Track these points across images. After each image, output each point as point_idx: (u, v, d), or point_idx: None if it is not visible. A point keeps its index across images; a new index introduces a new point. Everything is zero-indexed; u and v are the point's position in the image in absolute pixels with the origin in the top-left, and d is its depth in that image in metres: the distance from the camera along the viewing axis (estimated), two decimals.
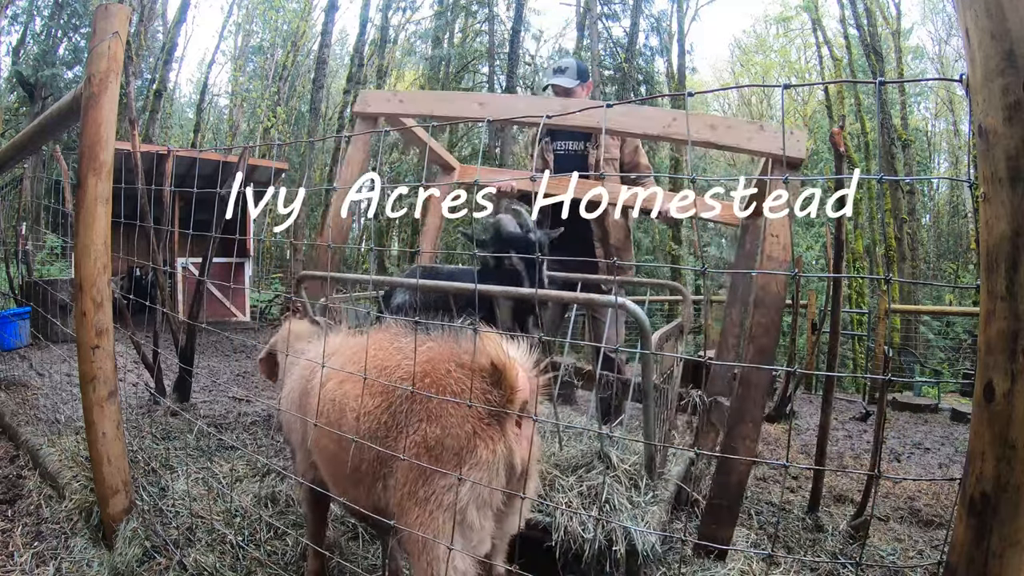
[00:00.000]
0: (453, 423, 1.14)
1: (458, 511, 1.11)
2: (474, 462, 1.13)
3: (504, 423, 1.15)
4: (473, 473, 1.12)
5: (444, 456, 1.13)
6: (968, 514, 0.85)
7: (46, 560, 1.89)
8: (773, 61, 20.96)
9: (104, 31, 1.82)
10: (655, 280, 3.31)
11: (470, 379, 1.17)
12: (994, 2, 0.80)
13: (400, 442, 1.17)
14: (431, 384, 1.19)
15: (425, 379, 1.20)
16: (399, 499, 1.17)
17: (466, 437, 1.13)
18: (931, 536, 2.54)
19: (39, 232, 8.59)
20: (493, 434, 1.15)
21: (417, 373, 1.21)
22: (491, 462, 1.13)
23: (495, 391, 1.16)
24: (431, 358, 1.23)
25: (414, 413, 1.18)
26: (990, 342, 0.82)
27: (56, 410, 3.21)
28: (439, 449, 1.13)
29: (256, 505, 2.09)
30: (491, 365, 1.16)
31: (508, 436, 1.15)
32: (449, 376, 1.19)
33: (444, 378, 1.19)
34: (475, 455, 1.13)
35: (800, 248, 12.00)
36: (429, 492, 1.13)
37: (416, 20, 17.69)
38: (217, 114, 22.43)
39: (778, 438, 4.15)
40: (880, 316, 6.48)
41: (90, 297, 1.84)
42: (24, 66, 13.01)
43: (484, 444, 1.13)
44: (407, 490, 1.15)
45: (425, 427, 1.15)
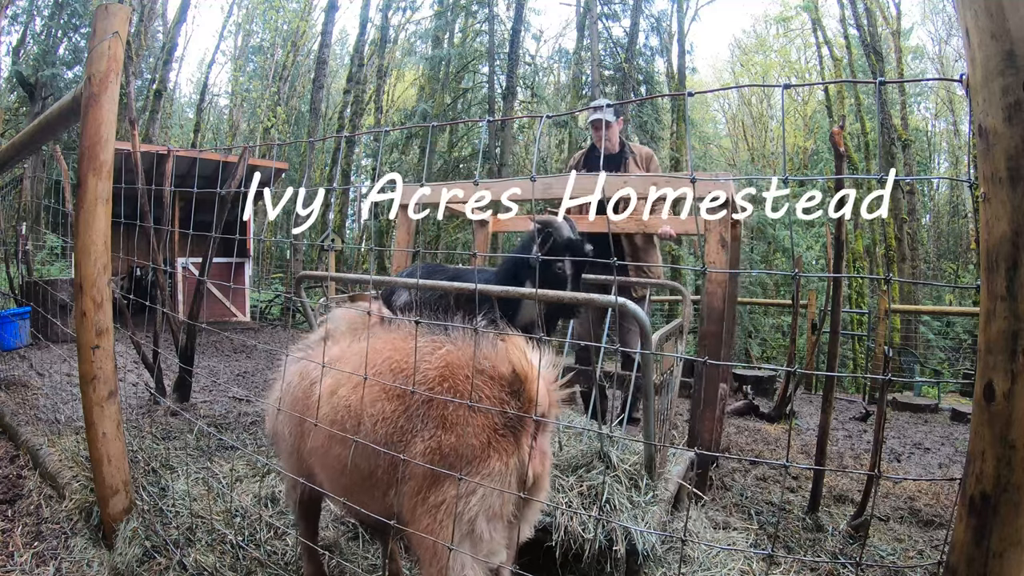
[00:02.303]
0: (469, 432, 1.11)
1: (468, 521, 1.08)
2: (486, 472, 1.11)
3: (520, 435, 1.13)
4: (484, 482, 1.10)
5: (457, 465, 1.10)
6: (968, 514, 0.84)
7: (46, 560, 1.89)
8: (773, 61, 20.96)
9: (104, 31, 1.82)
10: (655, 280, 3.31)
11: (489, 387, 1.13)
12: (994, 2, 0.80)
13: (415, 447, 1.15)
14: (449, 390, 1.15)
15: (444, 383, 1.16)
16: (412, 506, 1.15)
17: (480, 447, 1.11)
18: (931, 536, 2.54)
19: (39, 232, 8.59)
20: (507, 446, 1.13)
21: (435, 378, 1.17)
22: (503, 474, 1.11)
23: (514, 401, 1.12)
24: (449, 362, 1.19)
25: (431, 419, 1.15)
26: (990, 342, 0.82)
27: (56, 410, 3.21)
28: (453, 457, 1.11)
29: (256, 505, 2.09)
30: (512, 373, 1.12)
31: (522, 449, 1.13)
32: (468, 382, 1.15)
33: (463, 384, 1.15)
34: (488, 466, 1.11)
35: (800, 248, 12.00)
36: (439, 499, 1.11)
37: (416, 20, 17.71)
38: (217, 114, 22.44)
39: (778, 438, 4.15)
40: (880, 316, 6.48)
41: (90, 297, 1.84)
42: (24, 66, 13.01)
43: (498, 456, 1.11)
44: (420, 497, 1.13)
45: (440, 434, 1.13)
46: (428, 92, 15.97)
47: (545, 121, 7.96)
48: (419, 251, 2.17)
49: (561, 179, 2.85)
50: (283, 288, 13.30)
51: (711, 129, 24.28)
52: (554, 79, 20.68)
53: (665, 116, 15.21)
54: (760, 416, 4.89)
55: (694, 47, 32.15)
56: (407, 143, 15.77)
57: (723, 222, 2.50)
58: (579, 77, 15.64)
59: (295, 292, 2.15)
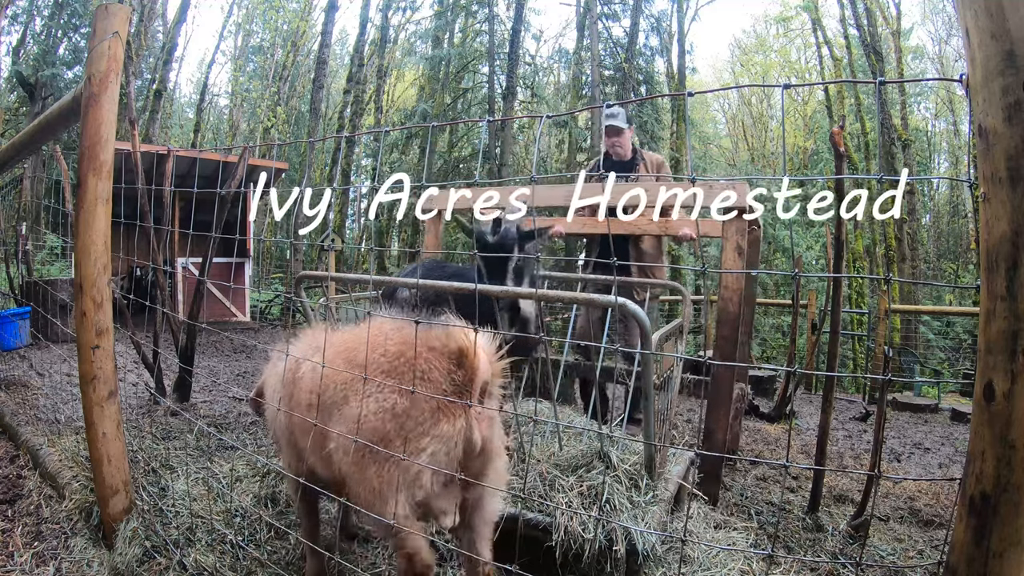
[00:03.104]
0: (421, 397, 1.27)
1: (412, 471, 1.24)
2: (436, 433, 1.27)
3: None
4: (433, 443, 1.26)
5: (408, 424, 1.27)
6: (968, 514, 0.84)
7: (46, 560, 1.89)
8: (773, 61, 20.97)
9: (104, 31, 1.82)
10: (655, 280, 3.31)
11: (439, 360, 1.31)
12: (994, 2, 0.80)
13: (370, 406, 1.31)
14: (405, 362, 1.33)
15: (400, 358, 1.34)
16: (356, 458, 1.31)
17: (431, 411, 1.27)
18: (931, 536, 2.54)
19: (39, 232, 8.59)
20: (456, 411, 1.28)
21: (394, 352, 1.35)
22: (450, 435, 1.26)
23: (459, 372, 1.30)
24: (407, 339, 1.37)
25: (388, 385, 1.32)
26: (990, 342, 0.82)
27: (56, 410, 3.21)
28: (404, 418, 1.27)
29: (256, 505, 2.09)
30: (457, 348, 1.29)
31: (469, 414, 1.28)
32: (420, 356, 1.32)
33: (419, 357, 1.33)
34: (437, 427, 1.27)
35: (800, 248, 12.00)
36: (386, 453, 1.27)
37: (416, 20, 17.71)
38: (217, 114, 22.44)
39: (778, 438, 4.15)
40: (880, 316, 6.48)
41: (90, 297, 1.84)
42: (24, 66, 13.01)
43: (447, 419, 1.27)
44: (361, 452, 1.29)
45: (395, 397, 1.29)
46: (428, 92, 15.97)
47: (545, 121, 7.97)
48: (419, 251, 2.18)
49: (593, 187, 2.95)
50: (283, 288, 13.30)
51: (711, 129, 24.28)
52: (554, 79, 20.69)
53: (665, 116, 15.21)
54: (760, 416, 4.89)
55: (694, 47, 32.20)
56: (407, 143, 15.77)
57: (739, 229, 2.51)
58: (579, 77, 15.65)
59: (295, 292, 2.16)
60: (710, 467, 2.55)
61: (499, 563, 1.47)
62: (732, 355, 2.51)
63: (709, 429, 2.58)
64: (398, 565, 1.35)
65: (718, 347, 2.55)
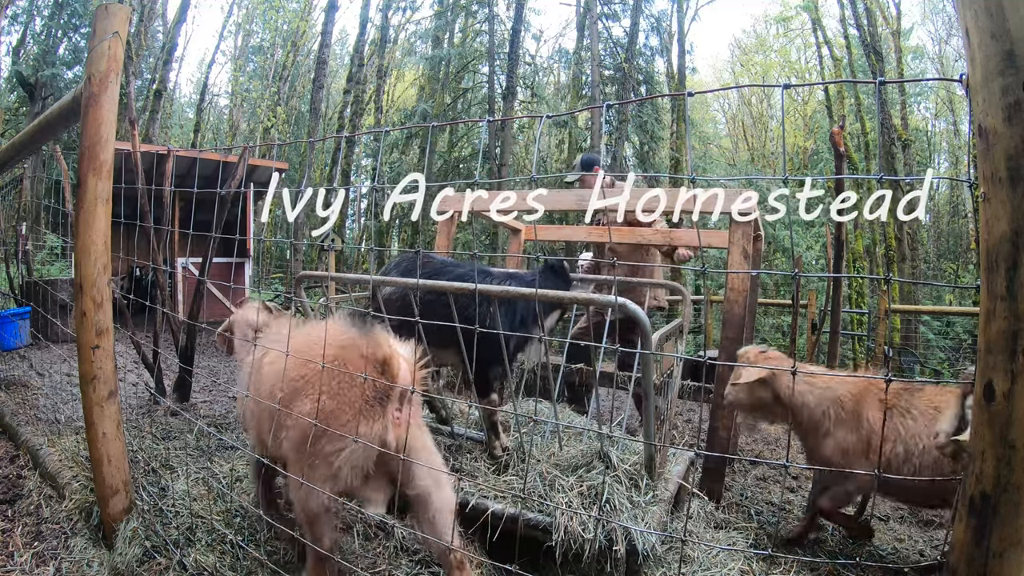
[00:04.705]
0: (344, 401, 1.45)
1: (334, 466, 1.42)
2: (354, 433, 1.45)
3: (386, 407, 1.44)
4: (350, 443, 1.43)
5: (330, 423, 1.44)
6: (968, 514, 0.85)
7: (46, 560, 1.89)
8: (773, 61, 20.94)
9: (104, 31, 1.82)
10: (655, 280, 3.31)
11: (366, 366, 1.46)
12: (994, 2, 0.80)
13: (305, 405, 1.49)
14: (340, 366, 1.50)
15: (335, 361, 1.52)
16: (295, 446, 1.50)
17: (352, 414, 1.44)
18: (931, 536, 2.54)
19: (39, 232, 8.59)
20: (375, 415, 1.44)
21: (331, 357, 1.51)
22: (367, 436, 1.42)
23: (384, 378, 1.45)
24: (346, 345, 1.53)
25: (323, 386, 1.49)
26: (990, 342, 0.82)
27: (56, 410, 3.21)
28: (329, 418, 1.45)
29: (256, 505, 2.09)
30: (382, 358, 1.44)
31: (386, 418, 1.43)
32: (351, 363, 1.49)
33: (350, 363, 1.49)
34: (357, 428, 1.43)
35: (800, 248, 11.99)
36: (315, 448, 1.45)
37: (416, 20, 17.69)
38: (217, 114, 22.42)
39: (778, 438, 4.15)
40: (880, 316, 6.48)
41: (90, 297, 1.84)
42: (24, 66, 13.01)
43: (365, 422, 1.43)
44: (299, 442, 1.47)
45: (325, 399, 1.46)
46: (428, 92, 15.96)
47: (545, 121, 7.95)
48: (419, 251, 2.17)
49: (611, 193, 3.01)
50: (283, 288, 13.29)
51: (711, 129, 24.26)
52: (554, 79, 20.67)
53: (665, 116, 15.21)
54: None
55: (694, 47, 32.20)
56: (407, 143, 15.76)
57: (745, 235, 2.51)
58: (579, 77, 15.64)
59: (295, 292, 2.16)
60: (713, 465, 2.55)
61: (499, 563, 1.47)
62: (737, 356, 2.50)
63: (713, 427, 2.58)
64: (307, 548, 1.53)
65: (723, 348, 2.56)
